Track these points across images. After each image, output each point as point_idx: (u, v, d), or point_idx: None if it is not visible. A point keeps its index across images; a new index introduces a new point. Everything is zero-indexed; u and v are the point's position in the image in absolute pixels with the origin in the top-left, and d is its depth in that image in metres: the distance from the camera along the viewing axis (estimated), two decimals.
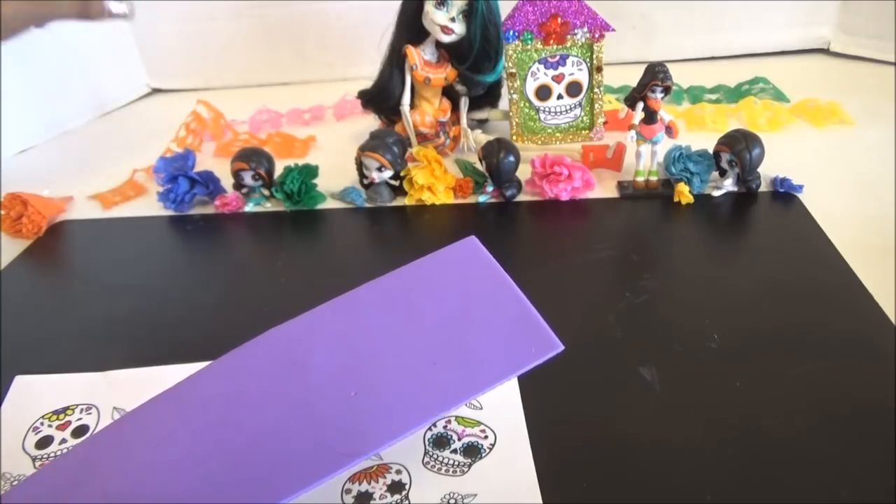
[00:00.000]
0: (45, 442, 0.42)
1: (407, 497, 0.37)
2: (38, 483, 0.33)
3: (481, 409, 0.43)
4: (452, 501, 0.37)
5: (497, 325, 0.32)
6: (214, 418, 0.32)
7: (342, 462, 0.29)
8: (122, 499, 0.30)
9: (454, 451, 0.40)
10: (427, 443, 0.41)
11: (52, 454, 0.42)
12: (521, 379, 0.44)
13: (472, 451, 0.40)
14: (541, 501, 0.36)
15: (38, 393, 0.46)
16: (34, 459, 0.41)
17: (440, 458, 0.40)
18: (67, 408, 0.45)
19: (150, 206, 0.70)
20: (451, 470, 0.39)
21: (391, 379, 0.31)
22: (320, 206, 0.67)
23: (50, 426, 0.44)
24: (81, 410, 0.44)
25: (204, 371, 0.35)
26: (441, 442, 0.41)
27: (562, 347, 0.30)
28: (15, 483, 0.40)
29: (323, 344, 0.33)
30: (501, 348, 0.31)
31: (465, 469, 0.39)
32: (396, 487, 0.38)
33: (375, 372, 0.32)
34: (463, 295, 0.33)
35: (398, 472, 0.39)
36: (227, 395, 0.33)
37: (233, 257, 0.62)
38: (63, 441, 0.42)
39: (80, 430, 0.43)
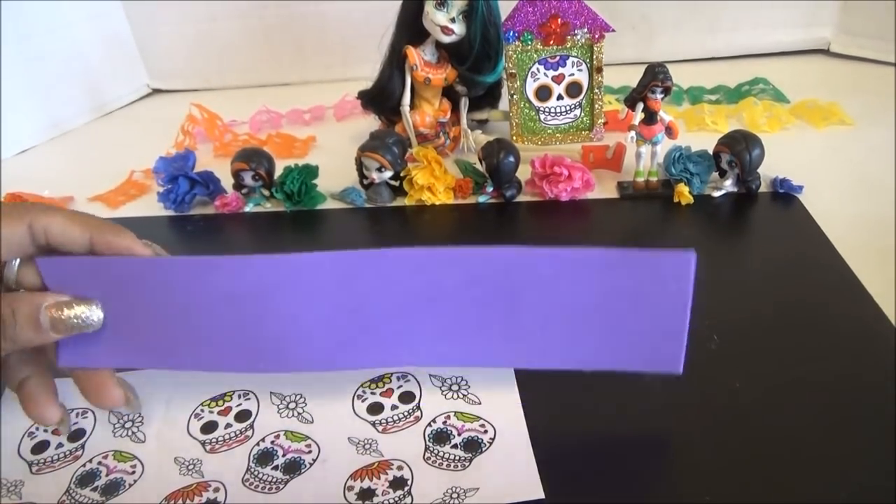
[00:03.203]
0: (41, 447, 0.42)
1: (409, 493, 0.38)
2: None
3: (480, 404, 0.43)
4: (455, 496, 0.37)
5: (643, 325, 0.34)
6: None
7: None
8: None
9: (454, 446, 0.40)
10: (427, 438, 0.41)
11: (49, 459, 0.42)
12: (519, 378, 0.44)
13: (473, 446, 0.40)
14: (543, 495, 0.37)
15: None
16: (30, 464, 0.41)
17: (441, 454, 0.40)
18: None
19: (150, 206, 0.70)
20: (453, 465, 0.39)
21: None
22: (320, 207, 0.67)
23: (45, 431, 0.43)
24: (77, 414, 0.44)
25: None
26: (441, 437, 0.41)
27: (681, 371, 0.34)
28: (11, 489, 0.40)
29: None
30: (635, 343, 0.34)
31: (466, 463, 0.39)
32: (399, 483, 0.38)
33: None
34: (637, 289, 0.35)
35: (399, 468, 0.39)
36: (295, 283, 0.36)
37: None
38: (59, 445, 0.42)
39: (77, 434, 0.43)
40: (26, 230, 0.34)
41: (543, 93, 0.72)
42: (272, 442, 0.41)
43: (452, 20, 0.67)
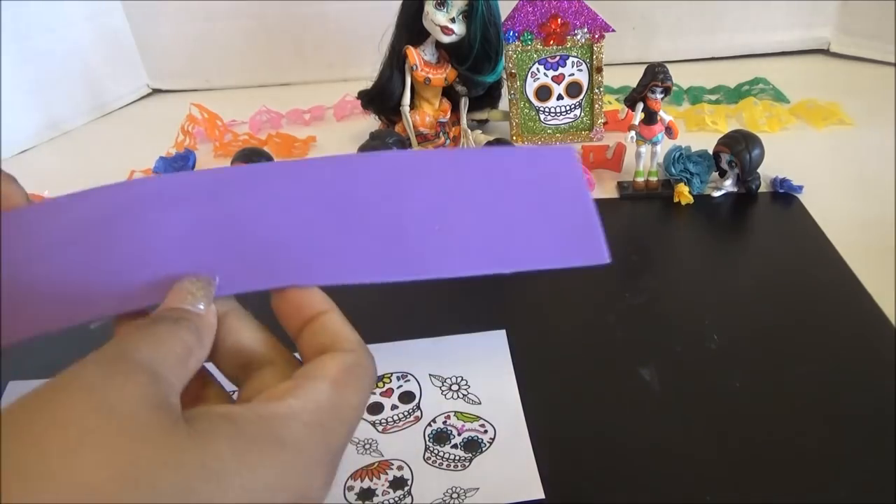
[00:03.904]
0: None
1: (409, 493, 0.38)
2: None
3: (480, 404, 0.43)
4: (455, 496, 0.37)
5: (551, 220, 0.32)
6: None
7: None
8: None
9: (454, 446, 0.40)
10: (427, 438, 0.41)
11: None
12: (519, 378, 0.44)
13: (473, 446, 0.40)
14: (542, 495, 0.37)
15: None
16: None
17: (441, 454, 0.40)
18: None
19: None
20: (453, 465, 0.39)
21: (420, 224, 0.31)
22: None
23: None
24: None
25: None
26: (441, 437, 0.41)
27: (608, 259, 0.31)
28: None
29: (367, 180, 0.32)
30: (548, 238, 0.31)
31: (467, 463, 0.39)
32: (399, 483, 0.38)
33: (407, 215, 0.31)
34: (528, 185, 0.33)
35: (399, 468, 0.39)
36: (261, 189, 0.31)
37: None
38: None
39: None
40: None
41: (543, 93, 0.72)
42: None
43: (452, 20, 0.67)
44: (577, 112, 0.73)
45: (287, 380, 0.25)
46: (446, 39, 0.68)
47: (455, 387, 0.44)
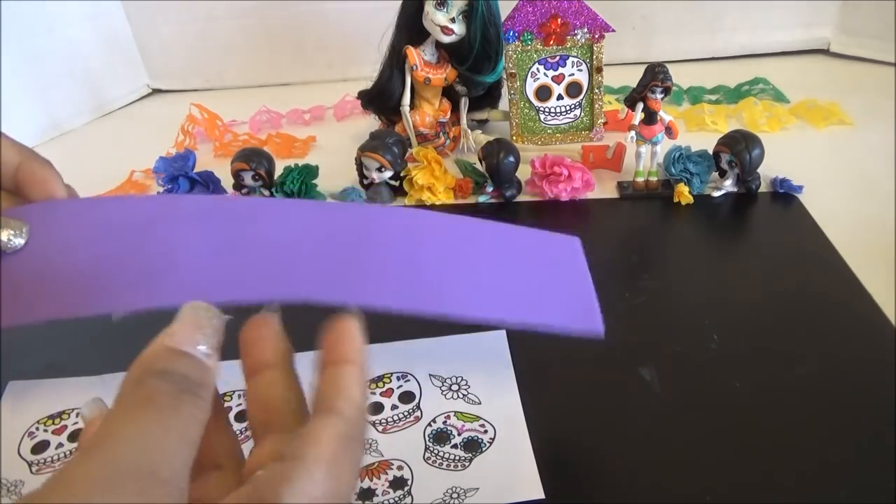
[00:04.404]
0: (41, 447, 0.42)
1: (409, 493, 0.38)
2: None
3: (480, 404, 0.43)
4: (455, 496, 0.37)
5: (557, 291, 0.35)
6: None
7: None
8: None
9: (454, 445, 0.40)
10: (427, 438, 0.41)
11: (49, 459, 0.42)
12: (519, 378, 0.44)
13: (473, 446, 0.40)
14: (542, 495, 0.37)
15: (32, 398, 0.46)
16: (30, 465, 0.41)
17: (441, 454, 0.40)
18: (63, 412, 0.45)
19: None
20: (453, 465, 0.39)
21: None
22: None
23: (46, 431, 0.43)
24: (78, 414, 0.44)
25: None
26: (441, 437, 0.41)
27: (601, 332, 0.33)
28: (11, 489, 0.40)
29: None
30: (554, 305, 0.34)
31: (467, 463, 0.39)
32: (399, 483, 0.38)
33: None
34: (537, 259, 0.36)
35: (399, 468, 0.39)
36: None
37: None
38: (59, 445, 0.42)
39: (77, 434, 0.43)
40: None
41: (543, 93, 0.72)
42: None
43: (452, 20, 0.67)
44: (577, 112, 0.73)
45: (242, 484, 0.23)
46: (446, 39, 0.68)
47: (455, 387, 0.44)
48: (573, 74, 0.71)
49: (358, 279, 0.31)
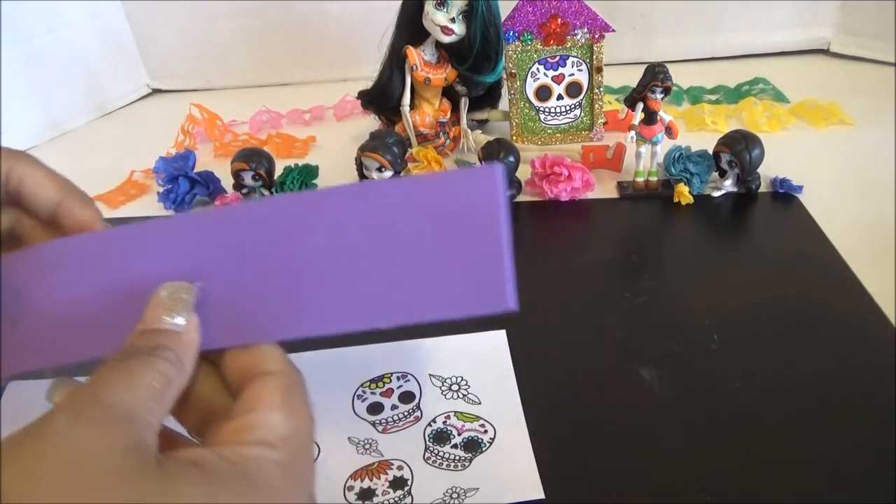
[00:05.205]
0: None
1: (409, 493, 0.38)
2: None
3: (480, 404, 0.43)
4: (455, 496, 0.37)
5: (457, 261, 0.28)
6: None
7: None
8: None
9: (455, 445, 0.40)
10: (427, 438, 0.41)
11: None
12: (519, 378, 0.44)
13: (473, 446, 0.40)
14: (542, 495, 0.37)
15: (31, 398, 0.46)
16: None
17: (441, 454, 0.40)
18: None
19: (150, 206, 0.70)
20: (453, 465, 0.39)
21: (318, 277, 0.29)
22: None
23: None
24: None
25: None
26: (441, 437, 0.41)
27: (514, 307, 0.27)
28: None
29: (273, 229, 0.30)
30: (450, 284, 0.28)
31: (467, 463, 0.39)
32: (399, 483, 0.38)
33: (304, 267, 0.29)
34: (442, 223, 0.29)
35: (399, 468, 0.39)
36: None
37: None
38: None
39: None
40: (2, 175, 0.32)
41: (543, 93, 0.72)
42: None
43: (452, 20, 0.67)
44: (577, 112, 0.73)
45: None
46: (446, 39, 0.68)
47: (455, 387, 0.44)
48: (573, 74, 0.71)
49: (228, 319, 0.28)
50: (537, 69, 0.71)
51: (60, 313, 0.30)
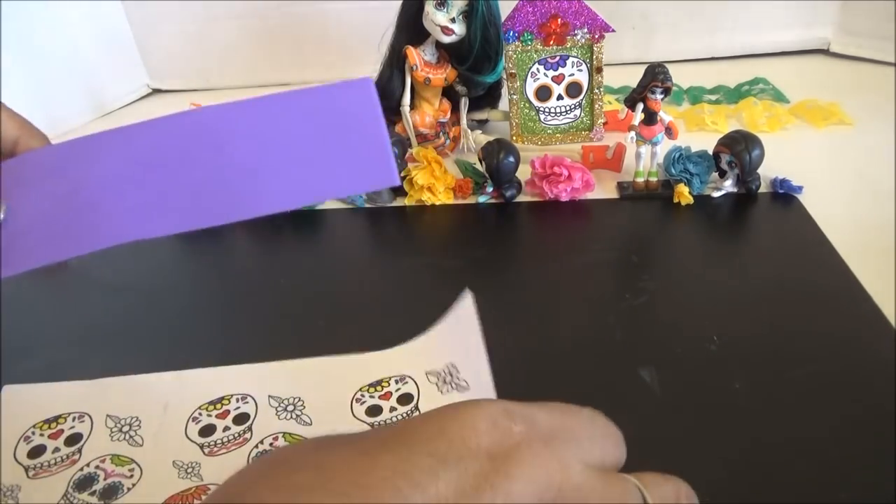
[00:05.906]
0: (37, 451, 0.42)
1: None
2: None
3: (469, 389, 0.42)
4: None
5: (347, 152, 0.34)
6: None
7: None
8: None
9: None
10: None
11: (45, 463, 0.41)
12: (519, 378, 0.44)
13: None
14: None
15: (27, 402, 0.46)
16: (27, 469, 0.41)
17: None
18: (59, 416, 0.44)
19: None
20: None
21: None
22: (320, 207, 0.67)
23: (42, 435, 0.43)
24: (74, 418, 0.44)
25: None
26: None
27: (398, 182, 0.32)
28: (8, 493, 0.40)
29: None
30: (344, 168, 0.33)
31: None
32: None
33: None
34: (328, 122, 0.34)
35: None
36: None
37: (231, 258, 0.62)
38: (56, 450, 0.42)
39: (74, 439, 0.43)
40: None
41: (543, 93, 0.72)
42: (271, 444, 0.41)
43: (452, 20, 0.67)
44: (577, 112, 0.73)
45: None
46: (446, 39, 0.68)
47: (448, 378, 0.44)
48: (573, 74, 0.71)
49: (149, 213, 0.33)
50: (537, 69, 0.71)
51: (32, 218, 0.33)
